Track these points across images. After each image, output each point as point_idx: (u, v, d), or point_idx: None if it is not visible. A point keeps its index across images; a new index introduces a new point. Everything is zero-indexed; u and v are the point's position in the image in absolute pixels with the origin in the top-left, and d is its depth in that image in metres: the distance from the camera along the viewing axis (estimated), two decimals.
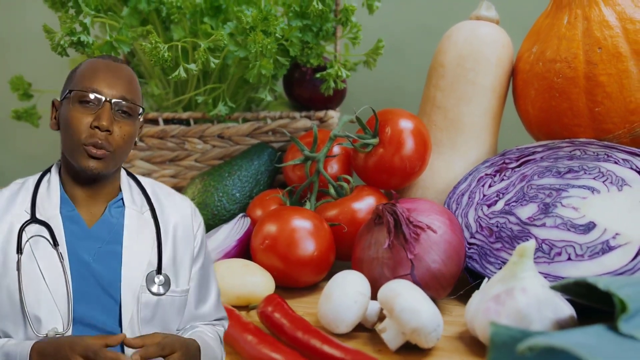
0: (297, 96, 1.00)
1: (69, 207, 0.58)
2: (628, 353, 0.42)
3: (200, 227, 0.62)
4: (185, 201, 0.63)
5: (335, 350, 0.55)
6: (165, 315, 0.57)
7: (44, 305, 0.55)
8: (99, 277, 0.56)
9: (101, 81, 0.57)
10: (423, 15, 1.18)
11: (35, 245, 0.56)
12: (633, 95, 0.72)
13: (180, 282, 0.58)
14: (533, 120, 0.83)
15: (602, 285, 0.49)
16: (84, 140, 0.56)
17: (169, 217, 0.60)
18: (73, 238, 0.57)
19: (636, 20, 0.71)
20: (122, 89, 0.58)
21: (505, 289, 0.58)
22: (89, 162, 0.56)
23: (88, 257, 0.57)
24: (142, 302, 0.56)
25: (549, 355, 0.43)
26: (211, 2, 0.91)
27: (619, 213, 0.67)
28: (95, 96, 0.56)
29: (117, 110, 0.57)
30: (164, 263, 0.58)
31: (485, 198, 0.77)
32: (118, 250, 0.57)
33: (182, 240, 0.60)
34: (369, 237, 0.70)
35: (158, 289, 0.57)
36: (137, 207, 0.60)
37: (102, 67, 0.59)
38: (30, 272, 0.55)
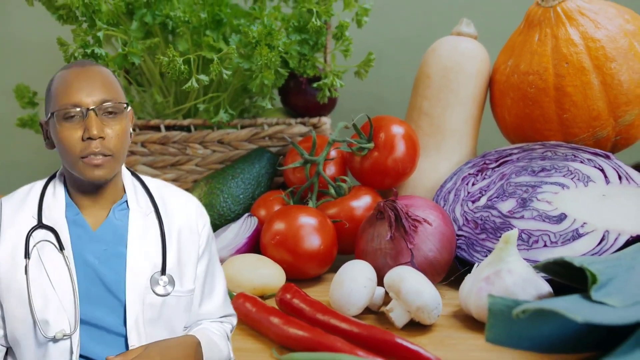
0: (292, 104, 1.09)
1: (74, 211, 0.60)
2: (599, 312, 0.53)
3: (205, 227, 0.63)
4: (190, 201, 0.64)
5: (354, 327, 0.64)
6: (171, 315, 0.59)
7: (51, 308, 0.56)
8: (104, 278, 0.58)
9: (77, 92, 0.57)
10: (403, 29, 1.29)
11: (42, 250, 0.58)
12: (595, 104, 0.85)
13: (185, 282, 0.60)
14: (509, 125, 0.95)
15: (577, 262, 0.60)
16: (81, 153, 0.57)
17: (174, 218, 0.61)
18: (78, 241, 0.59)
19: (597, 39, 0.84)
20: (100, 92, 0.58)
21: (494, 271, 0.69)
22: (94, 172, 0.57)
23: (93, 260, 0.58)
24: (147, 303, 0.58)
25: (537, 317, 0.54)
26: (213, 16, 0.99)
27: (585, 205, 0.79)
28: (76, 109, 0.57)
29: (103, 114, 0.58)
30: (169, 264, 0.59)
31: (469, 195, 0.89)
32: (123, 252, 0.59)
33: (187, 241, 0.61)
34: (372, 231, 0.79)
35: (162, 290, 0.58)
36: (141, 209, 0.61)
37: (73, 78, 0.58)
38: (38, 276, 0.57)
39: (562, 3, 0.87)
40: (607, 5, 0.88)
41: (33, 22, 1.28)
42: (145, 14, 0.97)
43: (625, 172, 0.80)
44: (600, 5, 0.87)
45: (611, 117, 0.86)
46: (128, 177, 0.63)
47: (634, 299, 0.56)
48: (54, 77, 0.60)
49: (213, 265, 0.64)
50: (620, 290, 0.58)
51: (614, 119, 0.86)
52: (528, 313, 0.52)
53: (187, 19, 0.95)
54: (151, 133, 1.06)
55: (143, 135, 1.06)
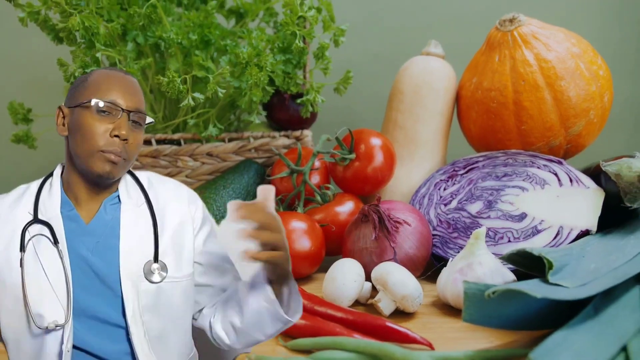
0: (276, 118, 1.19)
1: (68, 207, 0.63)
2: (554, 291, 0.65)
3: (197, 209, 0.66)
4: (180, 188, 0.67)
5: (349, 315, 0.75)
6: (169, 300, 0.61)
7: (46, 299, 0.59)
8: (97, 270, 0.61)
9: (119, 92, 0.62)
10: (376, 46, 1.42)
11: (37, 244, 0.61)
12: (548, 117, 0.99)
13: (183, 267, 0.62)
14: (474, 136, 1.08)
15: (536, 252, 0.73)
16: (103, 147, 0.61)
17: (166, 206, 0.64)
18: (72, 235, 0.61)
19: (548, 60, 0.98)
20: (137, 100, 0.63)
21: (467, 264, 0.81)
22: (106, 166, 0.61)
23: (86, 252, 0.61)
24: (142, 291, 0.60)
25: (505, 298, 0.66)
26: (202, 37, 1.09)
27: (542, 205, 0.92)
28: (114, 106, 0.61)
29: (132, 121, 0.63)
30: (162, 251, 0.62)
31: (442, 199, 1.01)
32: (115, 243, 0.62)
33: (180, 226, 0.64)
34: (358, 232, 0.91)
35: (156, 277, 0.61)
36: (133, 201, 0.64)
37: (117, 79, 0.63)
38: (33, 268, 0.60)
39: (518, 28, 1.01)
40: (557, 30, 1.02)
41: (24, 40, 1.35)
42: (137, 35, 1.05)
43: (575, 176, 0.94)
44: (551, 30, 1.02)
45: (562, 128, 1.00)
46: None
47: (582, 281, 0.69)
48: (93, 72, 0.64)
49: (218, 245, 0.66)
50: (572, 274, 0.71)
51: (564, 129, 1.00)
52: (498, 293, 0.64)
53: (180, 40, 1.04)
54: (143, 147, 1.14)
55: None
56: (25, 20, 1.07)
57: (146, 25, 1.03)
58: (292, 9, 1.07)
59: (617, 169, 0.87)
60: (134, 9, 1.02)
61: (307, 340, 0.71)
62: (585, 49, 1.01)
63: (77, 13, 0.98)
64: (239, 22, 1.27)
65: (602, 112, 1.01)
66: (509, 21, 1.02)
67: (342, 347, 0.68)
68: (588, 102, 0.98)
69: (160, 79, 0.97)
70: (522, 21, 1.01)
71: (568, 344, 0.60)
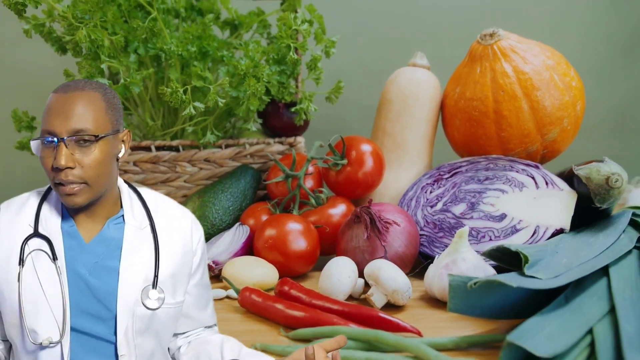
0: (271, 125, 1.27)
1: (69, 222, 0.63)
2: (529, 282, 0.74)
3: (200, 241, 0.67)
4: (186, 216, 0.67)
5: (344, 307, 0.83)
6: (159, 326, 0.62)
7: (41, 315, 0.59)
8: (94, 290, 0.61)
9: (54, 119, 0.59)
10: (364, 56, 1.51)
11: (36, 258, 0.60)
12: (526, 125, 1.08)
13: (177, 295, 0.63)
14: (458, 142, 1.17)
15: (513, 248, 0.82)
16: (55, 180, 0.60)
17: (169, 232, 0.64)
18: (71, 252, 0.61)
19: (525, 72, 1.08)
20: (75, 121, 0.58)
21: (452, 260, 0.90)
22: (67, 199, 0.60)
23: (84, 271, 0.61)
24: (137, 315, 0.61)
25: (485, 289, 0.75)
26: (200, 49, 1.16)
27: (521, 206, 1.01)
28: (50, 138, 0.59)
29: (76, 144, 0.59)
30: (161, 277, 0.62)
31: (428, 201, 1.10)
32: (115, 265, 0.61)
33: (181, 255, 0.64)
34: (351, 233, 0.99)
35: (153, 303, 0.61)
36: (137, 223, 0.64)
37: (53, 104, 0.60)
38: (31, 283, 0.60)
39: (498, 42, 1.11)
40: (533, 44, 1.12)
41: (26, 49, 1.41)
42: (138, 46, 1.13)
43: (551, 179, 1.04)
44: (528, 44, 1.11)
45: (539, 135, 1.09)
46: (125, 191, 0.66)
47: (555, 274, 0.78)
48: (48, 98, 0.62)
49: (206, 278, 0.69)
50: (546, 268, 0.80)
51: (541, 136, 1.09)
52: (479, 284, 0.73)
53: (180, 52, 1.11)
54: (143, 153, 1.21)
55: (135, 155, 1.21)
56: (29, 32, 1.14)
57: (148, 37, 1.11)
58: (286, 22, 1.15)
59: (588, 172, 0.96)
60: (136, 22, 1.09)
61: (307, 330, 0.79)
62: (559, 61, 1.11)
63: (84, 26, 1.05)
64: (233, 34, 1.35)
65: (575, 120, 1.11)
66: (489, 35, 1.11)
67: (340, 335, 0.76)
68: (562, 111, 1.08)
69: (164, 89, 1.05)
70: (502, 36, 1.11)
71: (541, 327, 0.69)
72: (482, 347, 0.76)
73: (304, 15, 1.19)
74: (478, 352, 0.75)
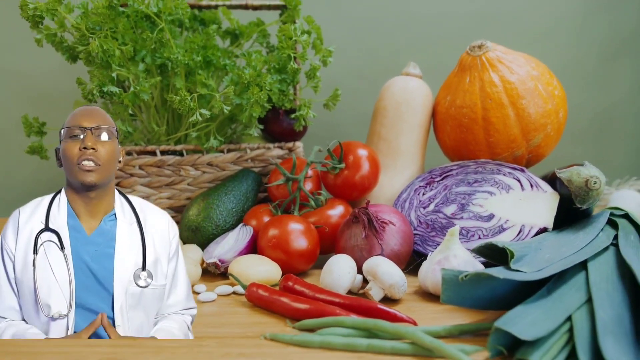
0: (271, 131, 1.35)
1: (74, 219, 0.78)
2: (515, 275, 0.83)
3: (175, 236, 0.83)
4: (164, 216, 0.83)
5: (345, 300, 0.91)
6: (147, 303, 0.77)
7: (53, 293, 0.74)
8: (95, 273, 0.76)
9: (80, 118, 0.78)
10: (358, 65, 1.59)
11: (47, 248, 0.75)
12: (512, 131, 1.17)
13: (159, 278, 0.79)
14: (449, 147, 1.26)
15: (500, 244, 0.91)
16: (77, 160, 0.76)
17: (151, 228, 0.80)
18: (76, 243, 0.76)
19: (511, 82, 1.17)
20: (97, 120, 0.78)
21: (444, 256, 0.98)
22: (85, 176, 0.75)
23: (87, 258, 0.76)
24: (130, 293, 0.76)
25: (475, 281, 0.83)
26: (204, 58, 1.24)
27: (507, 207, 1.10)
28: (77, 128, 0.77)
29: (97, 136, 0.77)
30: (148, 262, 0.78)
31: (421, 203, 1.18)
32: (111, 252, 0.77)
33: (160, 246, 0.80)
34: (349, 232, 1.07)
35: (143, 282, 0.77)
36: (126, 220, 0.80)
37: (79, 111, 0.79)
38: (44, 268, 0.75)
39: (486, 53, 1.20)
40: (519, 55, 1.21)
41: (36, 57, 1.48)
42: (145, 55, 1.20)
43: (535, 182, 1.13)
44: (514, 55, 1.21)
45: (524, 140, 1.18)
46: (117, 196, 0.82)
47: (538, 267, 0.87)
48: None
49: (179, 270, 0.84)
50: (530, 262, 0.89)
51: (526, 141, 1.19)
52: (469, 277, 0.81)
53: (186, 62, 1.19)
54: (148, 157, 1.29)
55: (141, 159, 1.28)
56: (41, 41, 1.21)
57: (157, 47, 1.18)
58: (286, 34, 1.23)
59: (569, 175, 1.05)
60: (146, 33, 1.16)
61: (312, 320, 0.86)
62: (543, 72, 1.20)
63: (96, 37, 1.12)
64: (234, 43, 1.43)
65: (557, 127, 1.21)
66: (478, 47, 1.21)
67: (342, 324, 0.84)
68: (545, 118, 1.17)
69: (172, 97, 1.12)
70: (489, 47, 1.20)
71: (525, 315, 0.78)
72: (472, 334, 0.84)
73: (302, 26, 1.27)
74: (469, 338, 0.83)
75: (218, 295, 1.02)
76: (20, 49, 1.53)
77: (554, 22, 1.63)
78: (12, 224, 0.78)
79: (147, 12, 1.18)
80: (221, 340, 0.81)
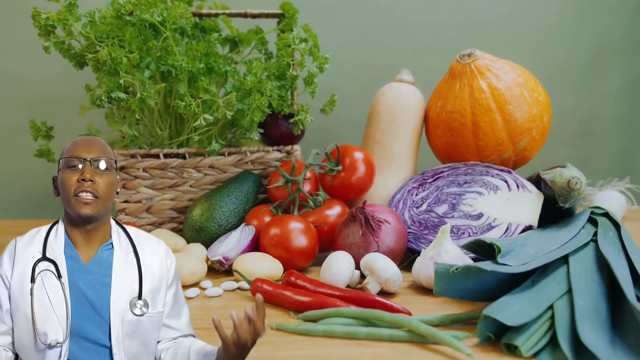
0: (270, 134, 1.43)
1: (70, 248, 0.78)
2: (501, 268, 0.91)
3: (172, 264, 0.83)
4: (160, 245, 0.84)
5: (345, 293, 0.99)
6: (144, 331, 0.78)
7: (49, 322, 0.74)
8: (91, 301, 0.76)
9: (80, 149, 0.78)
10: (353, 70, 1.68)
11: (45, 277, 0.76)
12: (500, 134, 1.26)
13: (157, 305, 0.79)
14: (440, 150, 1.34)
15: (488, 240, 0.99)
16: (75, 192, 0.76)
17: (148, 257, 0.81)
18: (73, 272, 0.77)
19: (499, 88, 1.26)
20: (96, 150, 0.78)
21: (436, 252, 1.07)
22: (82, 208, 0.76)
23: (84, 286, 0.76)
24: (126, 321, 0.76)
25: (465, 274, 0.92)
26: (206, 65, 1.32)
27: (495, 206, 1.19)
28: (77, 159, 0.77)
29: (96, 167, 0.77)
30: (144, 291, 0.78)
31: (414, 203, 1.27)
32: (107, 281, 0.77)
33: (158, 274, 0.80)
34: (347, 230, 1.15)
35: (139, 311, 0.77)
36: (123, 249, 0.80)
37: (79, 141, 0.79)
38: (41, 297, 0.75)
39: (475, 61, 1.29)
40: (505, 63, 1.30)
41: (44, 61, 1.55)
42: (150, 62, 1.28)
43: (521, 182, 1.22)
44: (501, 63, 1.30)
45: (511, 144, 1.27)
46: (114, 226, 0.83)
47: (523, 261, 0.96)
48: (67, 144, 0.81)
49: (179, 295, 0.84)
50: (515, 257, 0.98)
51: (513, 144, 1.27)
52: (460, 270, 0.90)
53: (190, 69, 1.27)
54: (152, 160, 1.36)
55: (145, 162, 1.35)
56: (49, 48, 1.28)
57: (162, 55, 1.26)
58: (285, 42, 1.31)
59: (552, 176, 1.14)
60: (152, 42, 1.24)
61: (314, 312, 0.94)
62: (528, 79, 1.29)
63: (105, 46, 1.20)
64: (233, 49, 1.50)
65: (542, 131, 1.30)
66: (467, 55, 1.29)
67: (343, 315, 0.92)
68: (531, 122, 1.26)
69: (178, 103, 1.20)
70: (478, 55, 1.29)
71: (511, 304, 0.86)
72: (463, 323, 0.93)
73: (299, 34, 1.35)
74: (459, 327, 0.92)
75: (224, 291, 1.10)
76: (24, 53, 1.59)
77: (542, 29, 1.73)
78: (9, 252, 0.79)
79: (152, 20, 1.25)
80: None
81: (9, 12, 1.59)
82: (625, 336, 0.84)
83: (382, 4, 1.69)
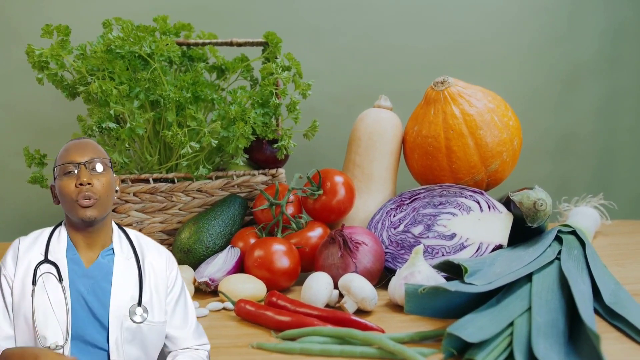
0: (255, 159, 1.52)
1: (72, 251, 0.80)
2: (467, 287, 1.00)
3: (173, 271, 0.84)
4: (162, 252, 0.84)
5: (323, 312, 1.07)
6: (144, 338, 0.78)
7: (50, 324, 0.75)
8: (91, 306, 0.77)
9: (73, 154, 0.78)
10: (332, 89, 1.77)
11: (46, 279, 0.77)
12: (472, 158, 1.35)
13: (156, 315, 0.79)
14: (417, 172, 1.43)
15: (456, 261, 1.08)
16: (75, 197, 0.77)
17: (149, 264, 0.81)
18: (74, 275, 0.78)
19: (470, 114, 1.35)
20: (89, 153, 0.79)
21: (410, 272, 1.15)
22: (85, 212, 0.77)
23: (84, 290, 0.77)
24: (125, 327, 0.77)
25: (433, 293, 1.00)
26: (193, 94, 1.41)
27: (468, 227, 1.27)
28: (72, 164, 0.77)
29: (92, 169, 0.78)
30: (144, 298, 0.79)
31: (392, 224, 1.35)
32: (107, 287, 0.78)
33: (159, 281, 0.81)
34: (327, 252, 1.24)
35: (138, 318, 0.77)
36: (124, 255, 0.81)
37: (70, 146, 0.80)
38: (42, 299, 0.76)
39: (448, 88, 1.38)
40: (477, 90, 1.39)
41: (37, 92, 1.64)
42: (139, 92, 1.36)
43: (492, 203, 1.30)
44: (473, 90, 1.39)
45: (483, 166, 1.36)
46: (116, 230, 0.84)
47: (488, 280, 1.04)
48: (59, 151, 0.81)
49: (185, 300, 0.84)
50: (482, 277, 1.06)
51: (485, 167, 1.36)
52: (427, 290, 0.98)
53: (177, 98, 1.36)
54: (142, 185, 1.44)
55: (135, 187, 1.44)
56: (42, 80, 1.37)
57: (150, 86, 1.35)
58: (268, 71, 1.40)
59: (520, 198, 1.23)
60: (141, 74, 1.33)
61: (293, 331, 1.03)
62: (499, 104, 1.38)
63: (96, 79, 1.29)
64: (220, 77, 1.59)
65: (513, 154, 1.39)
66: (441, 83, 1.39)
67: (320, 333, 1.00)
68: (501, 146, 1.36)
69: (165, 133, 1.29)
70: (451, 83, 1.38)
71: (474, 321, 0.94)
72: (432, 339, 1.01)
73: (283, 62, 1.44)
74: (429, 343, 1.00)
75: (210, 311, 1.18)
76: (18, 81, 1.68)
77: (520, 52, 1.82)
78: (12, 252, 0.79)
79: (141, 53, 1.34)
80: (215, 349, 0.97)
81: (3, 41, 1.68)
82: (580, 350, 0.92)
83: (365, 29, 1.79)
